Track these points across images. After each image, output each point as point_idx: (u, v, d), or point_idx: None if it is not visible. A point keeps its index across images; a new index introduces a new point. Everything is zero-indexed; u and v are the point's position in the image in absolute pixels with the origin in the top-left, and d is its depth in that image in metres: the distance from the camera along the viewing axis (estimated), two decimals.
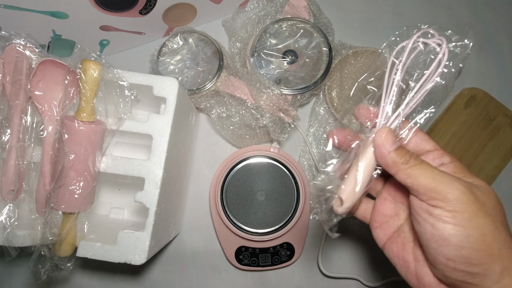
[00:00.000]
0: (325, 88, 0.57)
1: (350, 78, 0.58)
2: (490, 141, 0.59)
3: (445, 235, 0.24)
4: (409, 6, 0.64)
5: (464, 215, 0.23)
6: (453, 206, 0.23)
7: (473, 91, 0.60)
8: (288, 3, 0.55)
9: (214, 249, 0.56)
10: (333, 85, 0.58)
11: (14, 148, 0.37)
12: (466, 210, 0.23)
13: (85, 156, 0.36)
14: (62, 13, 0.45)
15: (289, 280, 0.56)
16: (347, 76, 0.58)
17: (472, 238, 0.23)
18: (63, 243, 0.36)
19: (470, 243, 0.23)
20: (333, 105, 0.57)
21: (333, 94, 0.57)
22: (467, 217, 0.23)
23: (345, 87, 0.58)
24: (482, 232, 0.23)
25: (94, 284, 0.54)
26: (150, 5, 0.49)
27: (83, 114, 0.36)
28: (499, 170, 0.59)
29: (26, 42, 0.38)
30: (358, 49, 0.57)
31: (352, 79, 0.58)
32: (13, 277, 0.54)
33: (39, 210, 0.38)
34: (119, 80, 0.39)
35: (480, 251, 0.23)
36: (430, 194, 0.24)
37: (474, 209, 0.23)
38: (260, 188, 0.52)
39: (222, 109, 0.52)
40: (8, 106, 0.38)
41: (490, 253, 0.23)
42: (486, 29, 0.64)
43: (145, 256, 0.37)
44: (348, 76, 0.58)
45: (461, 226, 0.23)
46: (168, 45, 0.54)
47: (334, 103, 0.57)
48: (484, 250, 0.23)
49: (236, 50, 0.55)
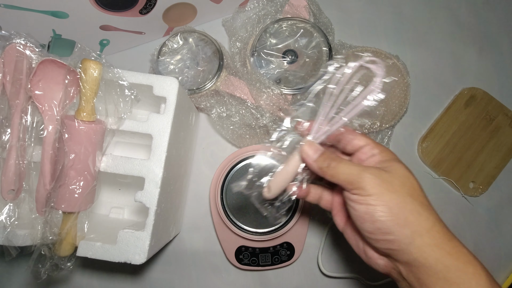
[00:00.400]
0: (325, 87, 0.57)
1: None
2: (490, 141, 0.59)
3: (362, 214, 0.30)
4: (409, 6, 0.65)
5: (373, 196, 0.29)
6: (366, 191, 0.29)
7: (473, 91, 0.60)
8: (288, 2, 0.55)
9: (214, 249, 0.56)
10: None
11: (14, 147, 0.37)
12: (374, 192, 0.29)
13: (85, 155, 0.36)
14: (62, 13, 0.45)
15: (289, 279, 0.56)
16: None
17: (380, 212, 0.29)
18: (63, 242, 0.36)
19: (379, 217, 0.29)
20: None
21: None
22: (375, 197, 0.29)
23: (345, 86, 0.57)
24: (389, 206, 0.29)
25: (94, 283, 0.54)
26: (150, 5, 0.49)
27: (83, 114, 0.36)
28: (499, 169, 0.59)
29: (26, 41, 0.38)
30: (358, 49, 0.57)
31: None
32: (13, 277, 0.54)
33: (39, 209, 0.38)
34: (119, 80, 0.39)
35: (388, 221, 0.29)
36: (350, 186, 0.30)
37: (381, 189, 0.29)
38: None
39: (222, 109, 0.52)
40: (8, 105, 0.38)
41: (398, 222, 0.29)
42: (486, 29, 0.64)
43: (145, 256, 0.37)
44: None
45: (371, 205, 0.29)
46: (168, 44, 0.54)
47: None
48: (391, 220, 0.29)
49: (236, 49, 0.55)
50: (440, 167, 0.58)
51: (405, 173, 0.31)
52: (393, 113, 0.57)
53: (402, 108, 0.56)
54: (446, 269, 0.28)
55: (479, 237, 0.57)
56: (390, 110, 0.57)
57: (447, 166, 0.58)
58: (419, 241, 0.28)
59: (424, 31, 0.63)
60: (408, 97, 0.56)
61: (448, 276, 0.28)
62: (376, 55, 0.57)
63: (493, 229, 0.58)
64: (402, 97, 0.57)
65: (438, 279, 0.28)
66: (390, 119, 0.57)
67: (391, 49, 0.58)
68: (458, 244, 0.29)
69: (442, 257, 0.28)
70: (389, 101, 0.57)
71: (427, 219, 0.29)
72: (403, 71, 0.57)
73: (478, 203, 0.58)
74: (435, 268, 0.28)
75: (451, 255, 0.28)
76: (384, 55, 0.57)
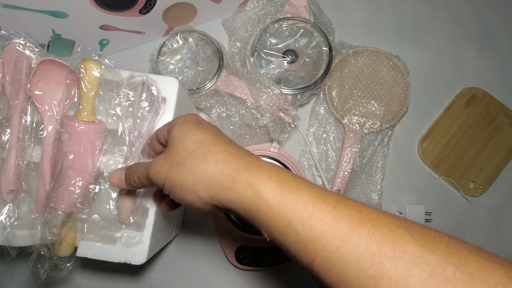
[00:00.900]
0: (325, 87, 0.57)
1: (350, 77, 0.58)
2: (491, 141, 0.59)
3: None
4: (409, 6, 0.64)
5: (167, 189, 0.29)
6: (164, 188, 0.29)
7: (474, 91, 0.60)
8: (288, 2, 0.55)
9: (214, 249, 0.56)
10: (333, 85, 0.58)
11: (14, 147, 0.37)
12: (167, 184, 0.28)
13: (85, 155, 0.35)
14: (62, 13, 0.45)
15: (289, 279, 0.55)
16: (347, 76, 0.58)
17: (188, 198, 0.28)
18: (62, 243, 0.36)
19: (188, 201, 0.28)
20: (333, 105, 0.57)
21: (333, 94, 0.57)
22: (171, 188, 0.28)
23: (345, 86, 0.57)
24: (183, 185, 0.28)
25: (94, 284, 0.54)
26: (150, 5, 0.49)
27: (83, 114, 0.36)
28: (499, 170, 0.59)
29: (25, 41, 0.37)
30: (358, 49, 0.57)
31: (352, 78, 0.58)
32: (13, 277, 0.54)
33: (39, 210, 0.38)
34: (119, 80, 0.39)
35: (196, 196, 0.28)
36: (147, 182, 0.30)
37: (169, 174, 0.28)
38: None
39: (222, 109, 0.51)
40: (8, 105, 0.38)
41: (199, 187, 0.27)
42: (486, 28, 0.64)
43: (145, 256, 0.37)
44: (349, 76, 0.58)
45: (178, 198, 0.29)
46: (168, 44, 0.54)
47: (334, 102, 0.57)
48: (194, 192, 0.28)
49: (236, 49, 0.55)
50: (440, 167, 0.58)
51: (175, 136, 0.29)
52: (393, 113, 0.57)
53: (402, 108, 0.56)
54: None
55: (479, 237, 0.57)
56: (390, 110, 0.57)
57: (447, 166, 0.58)
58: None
59: (424, 31, 0.63)
60: (408, 97, 0.56)
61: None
62: (376, 55, 0.57)
63: (494, 229, 0.58)
64: (402, 97, 0.57)
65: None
66: (390, 119, 0.56)
67: (392, 49, 0.58)
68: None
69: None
70: (389, 101, 0.57)
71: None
72: (403, 71, 0.57)
73: (478, 203, 0.58)
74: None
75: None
76: (384, 55, 0.57)
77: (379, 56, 0.58)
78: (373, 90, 0.57)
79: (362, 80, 0.58)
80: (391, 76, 0.57)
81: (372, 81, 0.57)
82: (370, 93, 0.57)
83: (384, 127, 0.56)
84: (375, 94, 0.57)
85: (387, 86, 0.57)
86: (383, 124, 0.56)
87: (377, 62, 0.58)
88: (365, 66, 0.58)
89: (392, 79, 0.57)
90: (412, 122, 0.60)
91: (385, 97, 0.57)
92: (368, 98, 0.57)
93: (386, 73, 0.57)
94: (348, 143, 0.56)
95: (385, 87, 0.57)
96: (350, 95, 0.57)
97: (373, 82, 0.57)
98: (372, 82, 0.57)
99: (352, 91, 0.58)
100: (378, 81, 0.57)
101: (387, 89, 0.57)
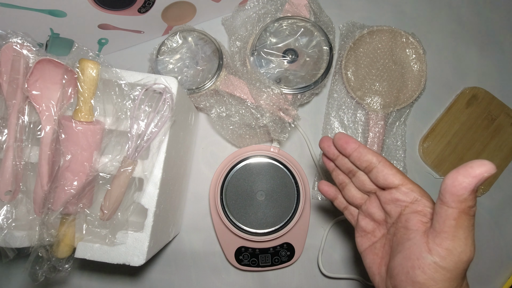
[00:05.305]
0: (341, 67, 0.58)
1: (366, 56, 0.58)
2: (492, 141, 0.59)
3: (423, 280, 0.30)
4: (410, 5, 0.64)
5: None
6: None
7: (475, 90, 0.60)
8: (289, 1, 0.55)
9: (214, 249, 0.55)
10: (349, 64, 0.58)
11: (11, 148, 0.37)
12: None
13: (82, 156, 0.35)
14: (60, 12, 0.45)
15: (289, 280, 0.55)
16: (362, 55, 0.58)
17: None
18: (60, 244, 0.36)
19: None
20: (349, 84, 0.57)
21: (349, 74, 0.58)
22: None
23: (361, 65, 0.58)
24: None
25: (93, 285, 0.54)
26: (149, 3, 0.49)
27: (81, 114, 0.35)
28: (500, 170, 0.58)
29: (23, 40, 0.37)
30: (373, 28, 0.58)
31: (368, 57, 0.58)
32: (11, 279, 0.54)
33: (37, 210, 0.38)
34: (117, 80, 0.38)
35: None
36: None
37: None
38: (260, 188, 0.52)
39: (221, 109, 0.51)
40: (5, 105, 0.37)
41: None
42: (488, 28, 0.64)
43: (144, 257, 0.36)
44: (364, 55, 0.58)
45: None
46: (167, 44, 0.53)
47: (350, 82, 0.58)
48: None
49: (236, 49, 0.54)
50: (441, 167, 0.58)
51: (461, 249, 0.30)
52: (411, 90, 0.57)
53: (420, 85, 0.57)
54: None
55: (480, 237, 0.57)
56: (407, 88, 0.57)
57: (448, 166, 0.58)
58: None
59: (425, 30, 0.63)
60: (425, 75, 0.57)
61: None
62: (392, 33, 0.58)
63: (495, 229, 0.58)
64: (420, 75, 0.57)
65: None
66: (408, 98, 0.57)
67: None
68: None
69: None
70: (407, 80, 0.57)
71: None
72: (418, 48, 0.57)
73: (479, 203, 0.58)
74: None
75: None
76: (399, 33, 0.58)
77: (395, 34, 0.58)
78: (390, 70, 0.58)
79: (379, 60, 0.58)
80: (407, 54, 0.58)
81: (390, 60, 0.58)
82: (388, 72, 0.58)
83: (403, 105, 0.57)
84: (391, 73, 0.57)
85: (403, 64, 0.58)
86: (402, 102, 0.57)
87: (393, 40, 0.58)
88: (380, 44, 0.58)
89: (408, 57, 0.58)
90: (413, 122, 0.60)
91: (402, 75, 0.57)
92: (385, 77, 0.57)
93: (401, 51, 0.58)
94: (372, 123, 0.56)
95: (401, 66, 0.58)
96: (368, 74, 0.58)
97: (390, 61, 0.58)
98: (389, 61, 0.58)
99: (371, 70, 0.58)
100: (395, 60, 0.58)
101: (404, 67, 0.58)
